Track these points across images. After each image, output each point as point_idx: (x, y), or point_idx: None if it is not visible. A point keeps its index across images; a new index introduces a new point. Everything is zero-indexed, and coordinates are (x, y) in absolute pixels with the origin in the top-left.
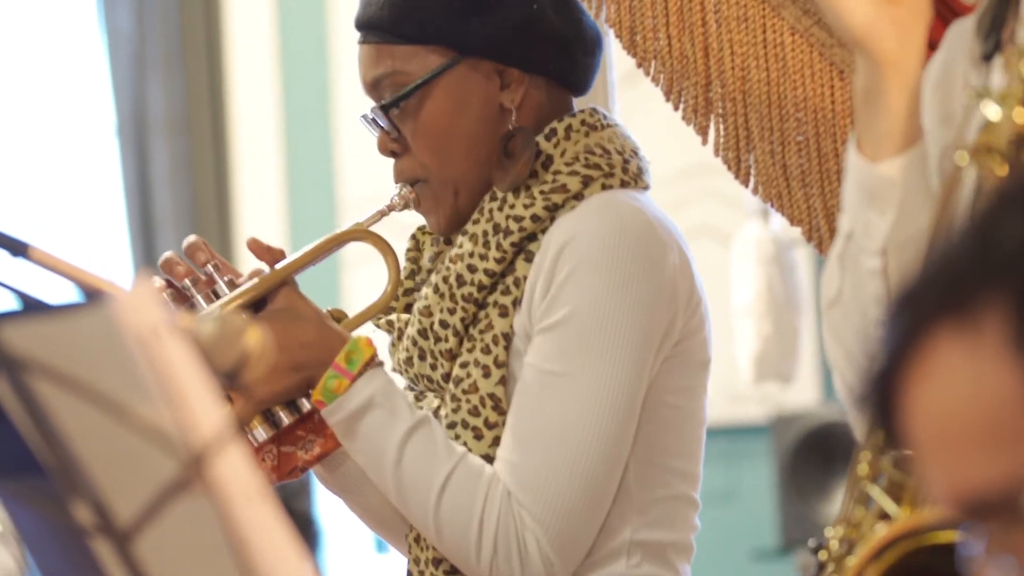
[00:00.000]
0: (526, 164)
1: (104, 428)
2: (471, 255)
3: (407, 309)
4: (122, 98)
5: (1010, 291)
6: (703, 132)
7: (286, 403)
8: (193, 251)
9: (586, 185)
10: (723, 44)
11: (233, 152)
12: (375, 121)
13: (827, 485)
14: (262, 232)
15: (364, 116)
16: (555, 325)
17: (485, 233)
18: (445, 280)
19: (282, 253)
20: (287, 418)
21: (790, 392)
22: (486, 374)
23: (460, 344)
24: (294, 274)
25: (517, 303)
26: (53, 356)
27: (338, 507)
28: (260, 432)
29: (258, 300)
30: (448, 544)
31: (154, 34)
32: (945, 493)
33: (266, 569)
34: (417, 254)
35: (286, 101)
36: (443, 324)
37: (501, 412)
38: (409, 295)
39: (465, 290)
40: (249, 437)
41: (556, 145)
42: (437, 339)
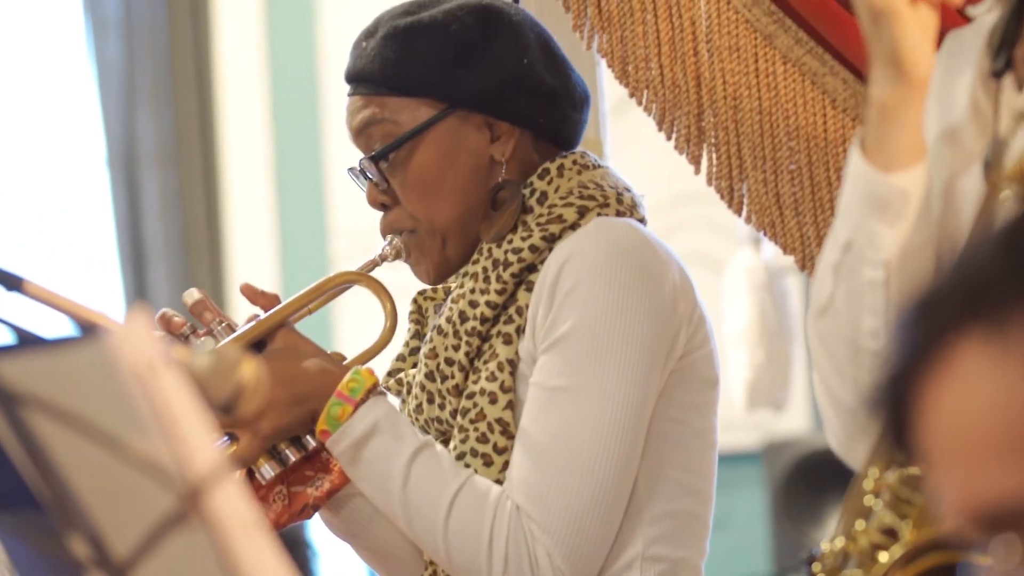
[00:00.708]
0: (512, 215)
1: (100, 462)
2: (472, 291)
3: (415, 367)
4: (112, 130)
5: None
6: (696, 161)
7: (292, 441)
8: (200, 310)
9: (582, 216)
10: (715, 73)
11: (223, 183)
12: (363, 173)
13: (819, 512)
14: (253, 263)
15: (352, 168)
16: (558, 341)
17: (485, 269)
18: (448, 320)
19: (276, 298)
20: (293, 455)
21: (782, 419)
22: (492, 400)
23: (466, 379)
24: (290, 317)
25: (520, 331)
26: (49, 390)
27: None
28: (267, 469)
29: (256, 342)
30: (458, 563)
31: (144, 66)
32: (959, 504)
33: None
34: (420, 317)
35: (276, 132)
36: (448, 361)
37: (510, 437)
38: (415, 355)
39: (468, 325)
40: (257, 476)
41: (550, 182)
42: (444, 378)
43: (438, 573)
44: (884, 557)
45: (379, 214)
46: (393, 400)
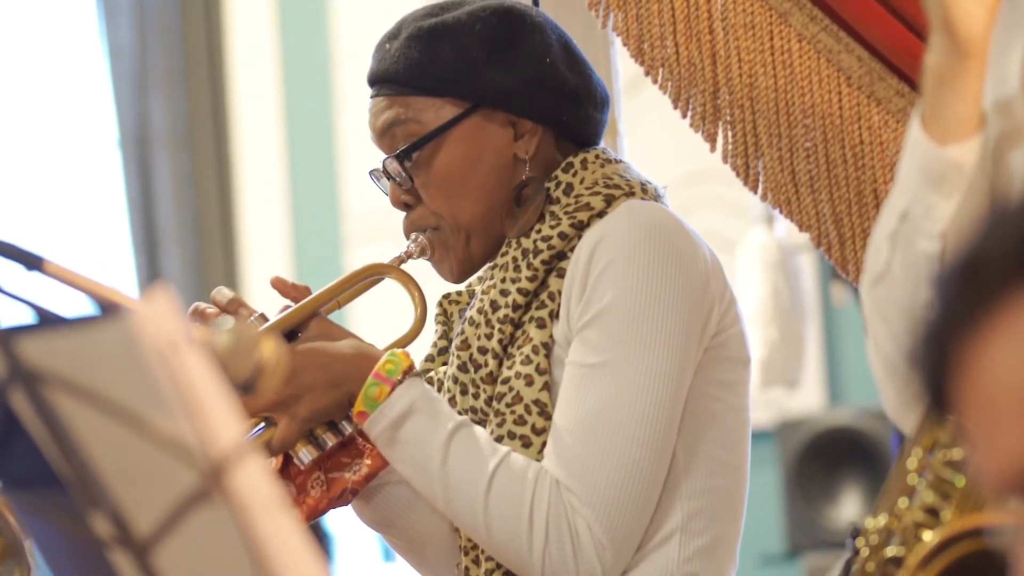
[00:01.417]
0: (535, 211)
1: (122, 440)
2: (503, 281)
3: (445, 365)
4: (124, 114)
5: None
6: (711, 139)
7: (328, 426)
8: (235, 307)
9: (609, 204)
10: (730, 51)
11: (236, 166)
12: (385, 173)
13: (832, 490)
14: (266, 245)
15: (374, 170)
16: (594, 319)
17: (515, 259)
18: (480, 311)
19: (307, 290)
20: (330, 440)
21: (796, 397)
22: (529, 382)
23: (500, 366)
24: (320, 308)
25: (554, 315)
26: (71, 369)
27: (347, 516)
28: (305, 454)
29: (289, 333)
30: (498, 539)
31: (156, 49)
32: (1006, 461)
33: None
34: (446, 319)
35: (288, 114)
36: (482, 350)
37: (547, 417)
38: (444, 354)
39: (501, 313)
40: (295, 460)
41: (574, 175)
42: (477, 366)
43: (480, 558)
44: (927, 535)
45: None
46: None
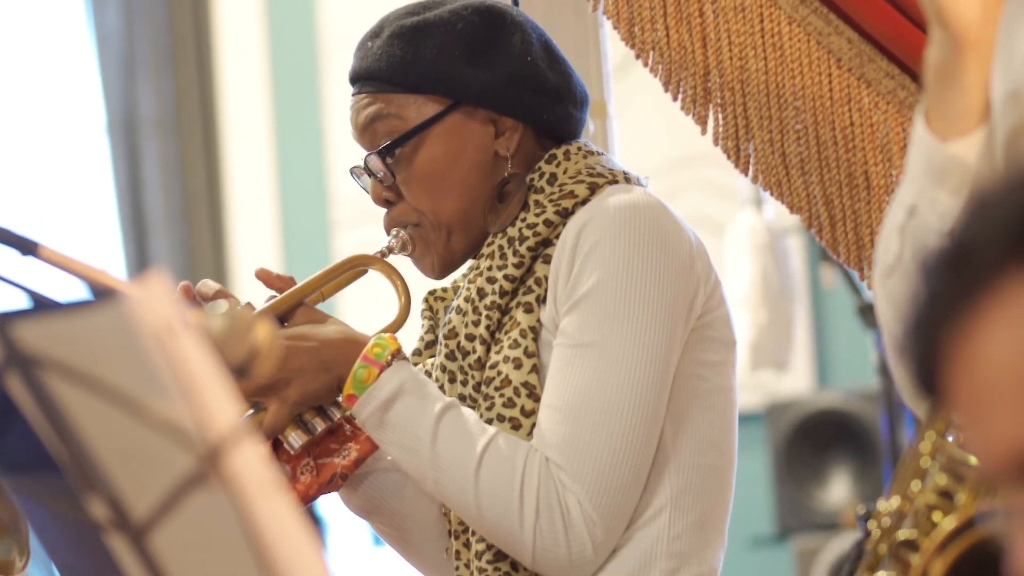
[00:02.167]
0: (516, 205)
1: (119, 424)
2: (489, 268)
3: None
4: (112, 100)
5: None
6: (702, 122)
7: (317, 411)
8: (221, 298)
9: (593, 191)
10: (721, 34)
11: (224, 152)
12: (366, 169)
13: (822, 472)
14: (253, 230)
15: (355, 167)
16: (582, 299)
17: (500, 247)
18: (467, 299)
19: (292, 280)
20: (320, 425)
21: (785, 380)
22: (517, 365)
23: (488, 352)
24: (305, 299)
25: (541, 299)
26: (67, 353)
27: (338, 502)
28: (295, 438)
29: (276, 320)
30: (489, 517)
31: (143, 35)
32: (1004, 447)
33: (282, 562)
34: (432, 314)
35: (276, 100)
36: (469, 337)
37: (536, 400)
38: (431, 347)
39: (488, 300)
40: (285, 445)
41: (557, 165)
42: (465, 353)
43: (470, 541)
44: (939, 518)
45: None
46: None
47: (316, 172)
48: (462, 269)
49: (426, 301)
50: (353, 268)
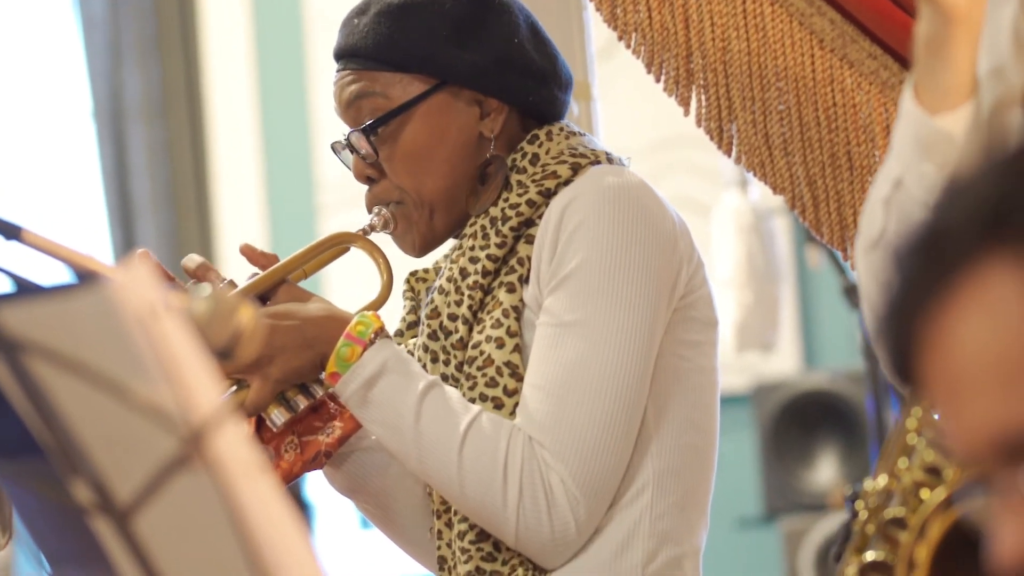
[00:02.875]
0: (496, 187)
1: (102, 407)
2: (472, 248)
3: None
4: (98, 85)
5: None
6: (685, 103)
7: (300, 388)
8: (204, 272)
9: (575, 172)
10: (703, 15)
11: (210, 137)
12: (349, 146)
13: (809, 453)
14: (240, 215)
15: (336, 143)
16: (566, 278)
17: (483, 228)
18: (449, 279)
19: (276, 258)
20: (302, 402)
21: (771, 361)
22: (500, 345)
23: (470, 331)
24: (287, 276)
25: (523, 279)
26: (50, 337)
27: (324, 484)
28: (278, 415)
29: (258, 298)
30: (472, 496)
31: (128, 20)
32: (981, 434)
33: (266, 544)
34: (414, 295)
35: (262, 85)
36: (452, 317)
37: (519, 379)
38: (413, 328)
39: (470, 279)
40: (268, 423)
41: (540, 146)
42: (448, 333)
43: (452, 521)
44: (927, 495)
45: None
46: None
47: (302, 157)
48: (443, 249)
49: (408, 282)
50: (335, 246)
